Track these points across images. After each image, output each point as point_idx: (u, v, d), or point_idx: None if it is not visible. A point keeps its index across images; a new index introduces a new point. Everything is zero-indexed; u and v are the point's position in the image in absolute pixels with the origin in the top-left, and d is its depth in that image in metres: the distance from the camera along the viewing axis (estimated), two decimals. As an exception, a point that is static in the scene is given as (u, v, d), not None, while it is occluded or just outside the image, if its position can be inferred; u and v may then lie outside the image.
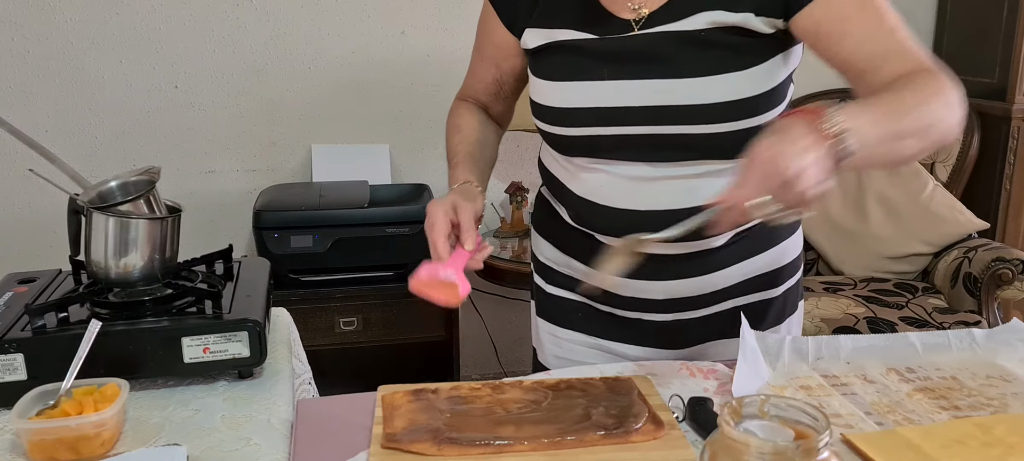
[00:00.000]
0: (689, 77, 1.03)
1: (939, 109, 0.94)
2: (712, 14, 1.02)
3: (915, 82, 0.95)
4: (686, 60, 1.03)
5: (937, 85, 0.95)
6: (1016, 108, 2.72)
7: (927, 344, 1.14)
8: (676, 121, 1.04)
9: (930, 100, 0.94)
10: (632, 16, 1.07)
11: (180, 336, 1.00)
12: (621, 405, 0.95)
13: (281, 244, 2.31)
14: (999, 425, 0.92)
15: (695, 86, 1.02)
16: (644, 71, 1.04)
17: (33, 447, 0.86)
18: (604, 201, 1.12)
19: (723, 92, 1.02)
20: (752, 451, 0.65)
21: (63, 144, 2.52)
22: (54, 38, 2.51)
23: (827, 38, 1.01)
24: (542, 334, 1.29)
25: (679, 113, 1.04)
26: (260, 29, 2.62)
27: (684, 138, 1.05)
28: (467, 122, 1.23)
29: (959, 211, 2.64)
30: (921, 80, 0.95)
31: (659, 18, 1.05)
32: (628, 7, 1.07)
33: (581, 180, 1.14)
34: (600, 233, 1.15)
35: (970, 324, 2.30)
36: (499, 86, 1.25)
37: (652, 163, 1.08)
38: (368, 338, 2.42)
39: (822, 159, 0.83)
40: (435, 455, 0.86)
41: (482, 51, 1.24)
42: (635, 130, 1.06)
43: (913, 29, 1.02)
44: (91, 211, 1.04)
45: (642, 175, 1.09)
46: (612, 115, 1.07)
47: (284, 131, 2.71)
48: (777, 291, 1.20)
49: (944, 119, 0.94)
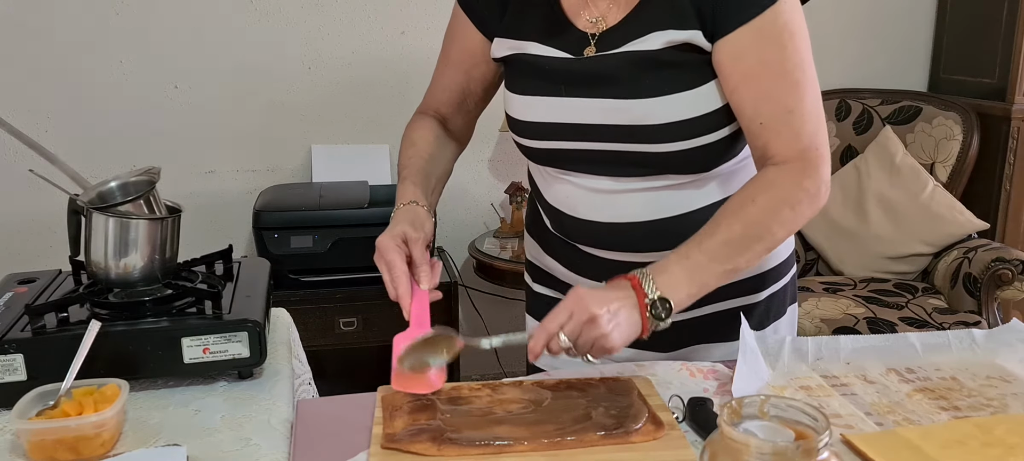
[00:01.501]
0: (643, 97, 1.03)
1: (772, 230, 1.00)
2: (666, 34, 1.02)
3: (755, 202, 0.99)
4: (640, 81, 1.03)
5: (785, 193, 0.99)
6: (1016, 108, 2.72)
7: (927, 344, 1.14)
8: (632, 139, 1.05)
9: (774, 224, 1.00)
10: (591, 29, 1.07)
11: (180, 336, 1.00)
12: (621, 405, 0.95)
13: (281, 244, 2.31)
14: (999, 425, 0.92)
15: (649, 106, 1.03)
16: (600, 90, 1.05)
17: (33, 447, 0.86)
18: (572, 212, 1.14)
19: (676, 111, 1.03)
20: (752, 451, 0.65)
21: (63, 144, 2.52)
22: (54, 38, 2.51)
23: (726, 79, 1.02)
24: None
25: (634, 132, 1.04)
26: (260, 29, 2.62)
27: (641, 156, 1.06)
28: (422, 136, 1.21)
29: (959, 211, 2.64)
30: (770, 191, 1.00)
31: (616, 35, 1.06)
32: (587, 19, 1.08)
33: (553, 189, 1.17)
34: (574, 241, 1.18)
35: (970, 324, 2.30)
36: (464, 96, 1.24)
37: (614, 177, 1.09)
38: (368, 338, 2.42)
39: (629, 317, 0.94)
40: (435, 455, 0.86)
41: (449, 57, 1.23)
42: (594, 146, 1.08)
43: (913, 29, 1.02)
44: (91, 211, 1.04)
45: (606, 188, 1.10)
46: (572, 131, 1.08)
47: (284, 131, 2.71)
48: (760, 296, 1.20)
49: (782, 233, 1.01)
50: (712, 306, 1.17)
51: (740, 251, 0.99)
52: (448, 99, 1.25)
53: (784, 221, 1.00)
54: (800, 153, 1.00)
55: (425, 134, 1.22)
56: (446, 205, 2.74)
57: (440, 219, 2.51)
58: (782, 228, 1.01)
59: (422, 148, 1.19)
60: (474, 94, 1.24)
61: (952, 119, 2.76)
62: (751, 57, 0.99)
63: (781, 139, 1.00)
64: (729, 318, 1.15)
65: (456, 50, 1.22)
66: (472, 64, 1.21)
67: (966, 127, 2.74)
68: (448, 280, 2.48)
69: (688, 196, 1.09)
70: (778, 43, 0.99)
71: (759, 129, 1.01)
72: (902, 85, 3.02)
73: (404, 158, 1.19)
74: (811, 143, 1.01)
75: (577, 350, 0.94)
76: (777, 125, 1.00)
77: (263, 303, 1.10)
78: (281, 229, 2.32)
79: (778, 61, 0.99)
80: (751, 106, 1.00)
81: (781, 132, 1.00)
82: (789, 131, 1.00)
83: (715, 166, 1.09)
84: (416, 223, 1.07)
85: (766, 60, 0.99)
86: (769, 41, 0.98)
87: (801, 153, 1.00)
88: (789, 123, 1.00)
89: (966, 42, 2.94)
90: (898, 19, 3.03)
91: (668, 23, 1.02)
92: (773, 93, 0.99)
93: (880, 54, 3.02)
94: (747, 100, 1.01)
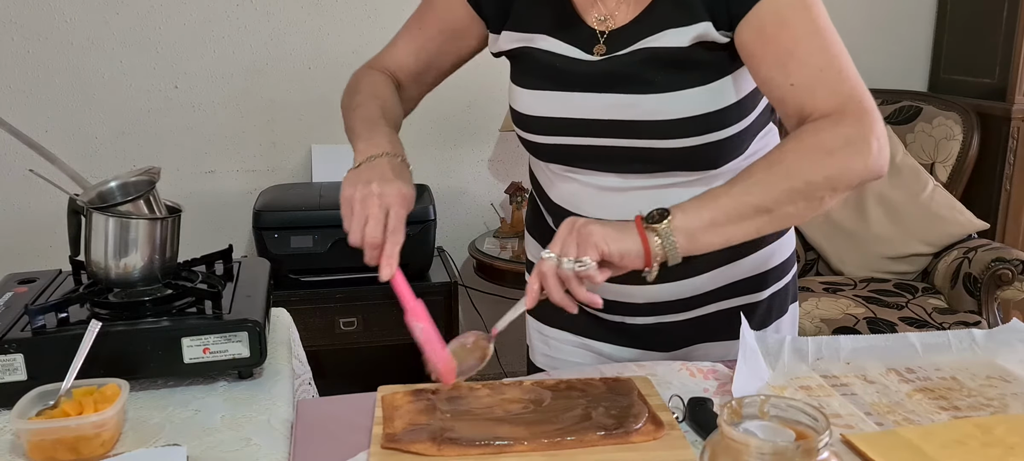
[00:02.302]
0: (656, 93, 1.03)
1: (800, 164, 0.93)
2: (678, 31, 1.02)
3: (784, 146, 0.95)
4: (654, 77, 1.03)
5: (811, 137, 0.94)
6: (1016, 108, 2.72)
7: (927, 344, 1.14)
8: (642, 135, 1.05)
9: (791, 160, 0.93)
10: (600, 27, 1.07)
11: (180, 336, 1.00)
12: (621, 405, 0.94)
13: (281, 244, 2.31)
14: (999, 425, 0.92)
15: (662, 101, 1.03)
16: (613, 86, 1.05)
17: (33, 447, 0.86)
18: (577, 209, 1.13)
19: (689, 107, 1.03)
20: (752, 451, 0.65)
21: (63, 144, 2.52)
22: (54, 38, 2.51)
23: (750, 61, 1.00)
24: (532, 332, 1.31)
25: (644, 128, 1.04)
26: (260, 29, 2.62)
27: (651, 152, 1.06)
28: (383, 90, 1.15)
29: (959, 211, 2.64)
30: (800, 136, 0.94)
31: (627, 32, 1.05)
32: (595, 17, 1.07)
33: (557, 187, 1.16)
34: None
35: (970, 324, 2.30)
36: (428, 66, 1.19)
37: (622, 174, 1.09)
38: (368, 338, 2.42)
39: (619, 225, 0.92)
40: (435, 455, 0.86)
41: (425, 23, 1.18)
42: (604, 142, 1.07)
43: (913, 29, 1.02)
44: (91, 211, 1.04)
45: (613, 186, 1.10)
46: (582, 126, 1.07)
47: (284, 131, 2.71)
48: (762, 295, 1.20)
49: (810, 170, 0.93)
50: (714, 305, 1.17)
51: (767, 189, 0.93)
52: (410, 65, 1.19)
53: (820, 165, 0.93)
54: (839, 106, 0.95)
55: (385, 89, 1.16)
56: (446, 205, 2.74)
57: (440, 219, 2.51)
58: (818, 172, 0.93)
59: (386, 99, 1.13)
60: (439, 68, 1.20)
61: (952, 119, 2.76)
62: (773, 24, 0.97)
63: (816, 97, 0.96)
64: (731, 317, 1.15)
65: (435, 18, 1.17)
66: (450, 37, 1.17)
67: (966, 127, 2.74)
68: (448, 280, 2.48)
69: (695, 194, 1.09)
70: (800, 6, 0.97)
71: (791, 92, 0.97)
72: (902, 85, 3.02)
73: (365, 108, 1.11)
74: (850, 95, 0.96)
75: (564, 252, 0.91)
76: (810, 83, 0.96)
77: (263, 303, 1.10)
78: (281, 229, 2.32)
79: (801, 22, 0.97)
80: (780, 71, 0.97)
81: (815, 90, 0.96)
82: (824, 88, 0.96)
83: (723, 163, 1.09)
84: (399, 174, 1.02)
85: (788, 21, 0.97)
86: (789, 6, 0.97)
87: (840, 105, 0.95)
88: (822, 80, 0.96)
89: (966, 42, 2.94)
90: (898, 19, 3.03)
91: (679, 20, 1.02)
92: (799, 53, 0.96)
93: (880, 54, 3.02)
94: (775, 67, 0.97)
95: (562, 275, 0.92)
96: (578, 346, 1.24)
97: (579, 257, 0.90)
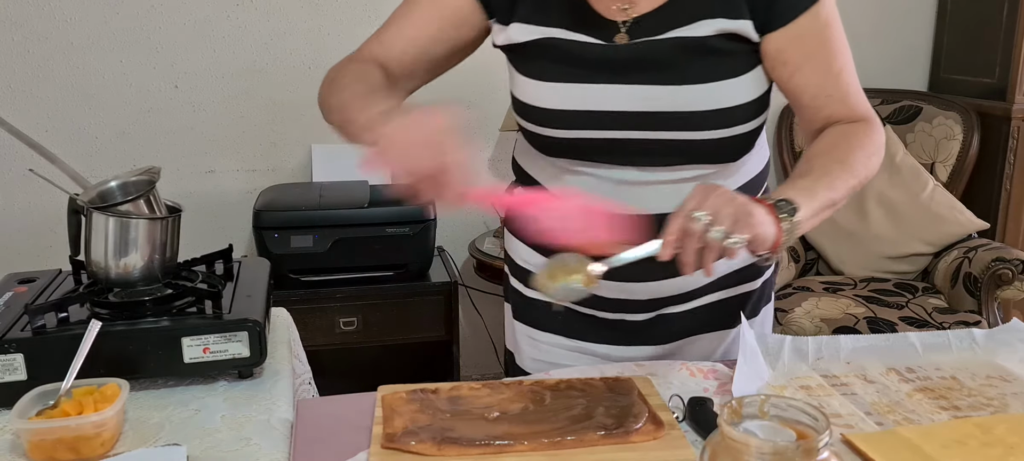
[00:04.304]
0: (686, 84, 1.03)
1: (862, 165, 1.02)
2: (716, 22, 1.02)
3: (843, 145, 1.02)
4: (688, 67, 1.03)
5: (861, 139, 1.03)
6: (1016, 108, 2.72)
7: (927, 344, 1.14)
8: (670, 127, 1.04)
9: (856, 160, 1.01)
10: (620, 17, 1.05)
11: (180, 336, 1.00)
12: (621, 405, 0.94)
13: (281, 244, 2.31)
14: (999, 425, 0.92)
15: (692, 93, 1.03)
16: (641, 77, 1.04)
17: (33, 447, 0.86)
18: None
19: (722, 98, 1.03)
20: (752, 451, 0.65)
21: (63, 144, 2.52)
22: (54, 38, 2.51)
23: (784, 66, 1.05)
24: (519, 337, 1.27)
25: (673, 119, 1.04)
26: (260, 29, 2.62)
27: (676, 144, 1.05)
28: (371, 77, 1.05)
29: (959, 211, 2.64)
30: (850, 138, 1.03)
31: (653, 21, 1.04)
32: (615, 8, 1.05)
33: (564, 182, 1.13)
34: None
35: (970, 324, 2.30)
36: (419, 56, 1.11)
37: (641, 167, 1.08)
38: (368, 338, 2.42)
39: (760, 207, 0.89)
40: (435, 455, 0.86)
41: (416, 12, 1.11)
42: (626, 134, 1.06)
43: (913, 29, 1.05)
44: (91, 211, 1.04)
45: (630, 179, 1.09)
46: (604, 119, 1.06)
47: (284, 131, 2.71)
48: (756, 283, 1.21)
49: (864, 173, 1.02)
50: (713, 295, 1.17)
51: (841, 186, 0.99)
52: (398, 55, 1.11)
53: (869, 166, 1.03)
54: (865, 114, 1.07)
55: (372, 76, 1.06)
56: (446, 205, 2.74)
57: (440, 219, 2.51)
58: (864, 168, 1.02)
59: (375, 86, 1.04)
60: (432, 59, 1.13)
61: (952, 119, 2.76)
62: (813, 36, 1.04)
63: (847, 106, 1.06)
64: (728, 306, 1.17)
65: (429, 6, 1.10)
66: (447, 25, 1.10)
67: (966, 127, 2.74)
68: (448, 280, 2.48)
69: None
70: (834, 23, 1.05)
71: (825, 102, 1.06)
72: (902, 85, 3.02)
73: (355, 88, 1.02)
74: (868, 107, 1.08)
75: (719, 221, 0.86)
76: (842, 94, 1.06)
77: (263, 303, 1.10)
78: (281, 229, 2.32)
79: (836, 37, 1.05)
80: (817, 82, 1.06)
81: (846, 100, 1.06)
82: (853, 98, 1.07)
83: (742, 156, 1.10)
84: None
85: (828, 38, 1.05)
86: (826, 22, 1.04)
87: (866, 114, 1.07)
88: (851, 92, 1.07)
89: (966, 42, 2.94)
90: (898, 19, 3.03)
91: (718, 12, 1.03)
92: (835, 67, 1.06)
93: (880, 54, 3.02)
94: (812, 77, 1.05)
95: (707, 241, 0.87)
96: (571, 350, 1.22)
97: (734, 234, 0.87)
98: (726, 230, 0.86)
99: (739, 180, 1.12)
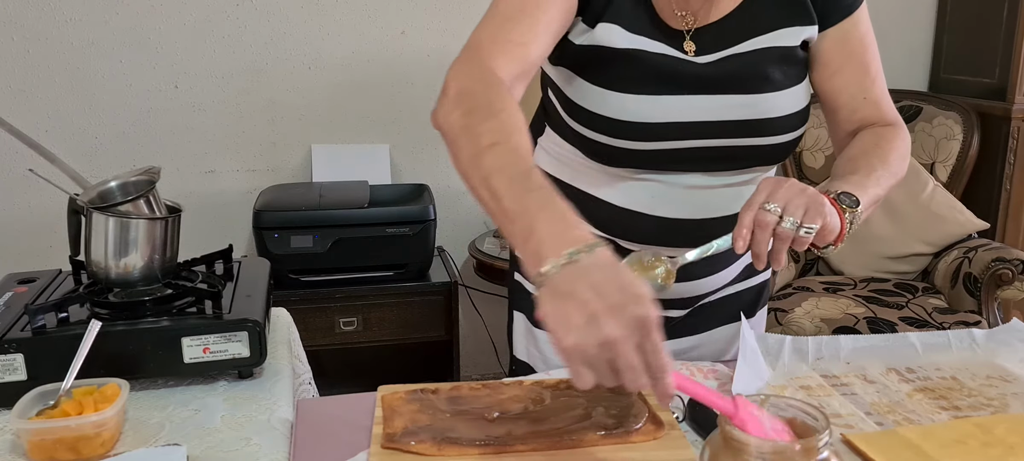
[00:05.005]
0: (765, 92, 1.05)
1: (898, 167, 1.06)
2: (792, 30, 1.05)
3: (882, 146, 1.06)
4: (765, 76, 1.05)
5: (896, 142, 1.07)
6: (1016, 108, 2.72)
7: (927, 344, 1.14)
8: (747, 134, 1.06)
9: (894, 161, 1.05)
10: (683, 25, 1.06)
11: (180, 336, 1.00)
12: (621, 405, 0.94)
13: (281, 244, 2.31)
14: (999, 425, 0.92)
15: (771, 100, 1.05)
16: (723, 87, 1.05)
17: (33, 447, 0.86)
18: (651, 211, 1.10)
19: (794, 103, 1.07)
20: (752, 451, 0.65)
21: (63, 144, 2.52)
22: (54, 38, 2.51)
23: (825, 66, 1.09)
24: (543, 345, 1.23)
25: (752, 127, 1.05)
26: (260, 29, 2.62)
27: (749, 149, 1.07)
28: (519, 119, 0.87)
29: (959, 211, 2.64)
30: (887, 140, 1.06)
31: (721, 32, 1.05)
32: (678, 16, 1.06)
33: (616, 189, 1.11)
34: (630, 241, 1.13)
35: (970, 324, 2.30)
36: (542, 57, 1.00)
37: (708, 172, 1.08)
38: (368, 338, 2.42)
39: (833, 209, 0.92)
40: (435, 455, 0.86)
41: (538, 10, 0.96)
42: (704, 143, 1.06)
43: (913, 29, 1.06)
44: (91, 211, 1.04)
45: (697, 184, 1.09)
46: (687, 129, 1.05)
47: (284, 131, 2.71)
48: (765, 276, 1.24)
49: (900, 174, 1.06)
50: (728, 290, 1.20)
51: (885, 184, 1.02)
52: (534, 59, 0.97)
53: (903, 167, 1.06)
54: (895, 119, 1.11)
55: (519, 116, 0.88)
56: (446, 205, 2.74)
57: (440, 219, 2.51)
58: (902, 172, 1.06)
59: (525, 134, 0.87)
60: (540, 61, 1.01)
61: (952, 119, 2.76)
62: (856, 39, 1.08)
63: (880, 110, 1.10)
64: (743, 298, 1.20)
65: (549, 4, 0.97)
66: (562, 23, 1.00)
67: (966, 127, 2.74)
68: (448, 280, 2.48)
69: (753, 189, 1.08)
70: (869, 26, 1.10)
71: (862, 104, 1.10)
72: (902, 85, 3.02)
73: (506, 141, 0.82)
74: (897, 113, 1.12)
75: (790, 212, 0.87)
76: (877, 98, 1.11)
77: (263, 303, 1.10)
78: (281, 229, 2.32)
79: (872, 41, 1.10)
80: (855, 84, 1.10)
81: (880, 104, 1.11)
82: (885, 103, 1.11)
83: (788, 156, 1.14)
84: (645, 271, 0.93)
85: (868, 41, 1.09)
86: (866, 24, 1.09)
87: (895, 119, 1.11)
88: (884, 97, 1.11)
89: (966, 42, 2.94)
90: (898, 19, 3.03)
91: (794, 20, 1.06)
92: (872, 70, 1.10)
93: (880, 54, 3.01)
94: (852, 79, 1.09)
95: (779, 232, 0.88)
96: None
97: (806, 223, 0.88)
98: (797, 220, 0.88)
99: None
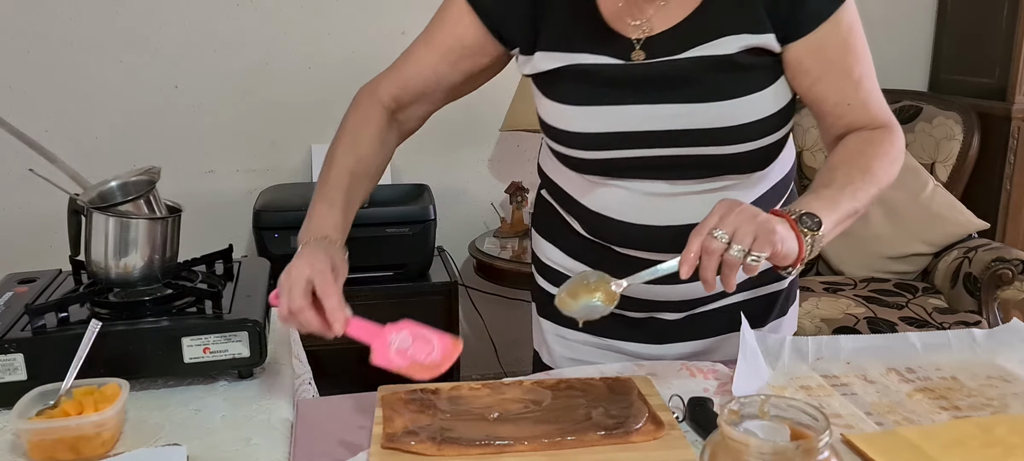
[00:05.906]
0: (712, 101, 1.03)
1: (883, 173, 1.03)
2: (741, 38, 1.02)
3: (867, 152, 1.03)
4: (720, 84, 1.03)
5: (883, 146, 1.04)
6: (1016, 108, 2.72)
7: (927, 344, 1.14)
8: (697, 143, 1.05)
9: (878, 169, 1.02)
10: (635, 34, 1.05)
11: (180, 336, 1.00)
12: (621, 405, 0.94)
13: (281, 244, 2.31)
14: (999, 425, 0.92)
15: (718, 109, 1.03)
16: (665, 95, 1.04)
17: (33, 447, 0.86)
18: (620, 216, 1.11)
19: (752, 112, 1.04)
20: (752, 451, 0.65)
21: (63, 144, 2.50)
22: (54, 38, 2.51)
23: (805, 75, 1.05)
24: (548, 336, 1.28)
25: (701, 135, 1.04)
26: (260, 29, 2.62)
27: (705, 158, 1.06)
28: (367, 139, 1.13)
29: (959, 211, 2.64)
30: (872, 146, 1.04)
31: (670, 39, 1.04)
32: (630, 25, 1.05)
33: (594, 195, 1.13)
34: (616, 246, 1.15)
35: (970, 324, 2.30)
36: (435, 87, 1.16)
37: (670, 180, 1.08)
38: (368, 338, 2.42)
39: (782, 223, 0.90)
40: (435, 455, 0.86)
41: (433, 41, 1.14)
42: (655, 152, 1.06)
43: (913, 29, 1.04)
44: (91, 211, 1.04)
45: (660, 191, 1.09)
46: (632, 138, 1.05)
47: (284, 131, 2.71)
48: (784, 283, 1.22)
49: (885, 180, 1.03)
50: (745, 293, 1.18)
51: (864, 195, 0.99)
52: (416, 84, 1.16)
53: (890, 172, 1.04)
54: (886, 120, 1.08)
55: (370, 137, 1.14)
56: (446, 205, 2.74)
57: (440, 219, 2.51)
58: (886, 176, 1.03)
59: (365, 155, 1.12)
60: (450, 86, 1.16)
61: (952, 119, 2.76)
62: (834, 47, 1.04)
63: (868, 113, 1.07)
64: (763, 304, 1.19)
65: (445, 37, 1.13)
66: (461, 56, 1.13)
67: (966, 127, 2.74)
68: (448, 280, 2.48)
69: (740, 195, 1.08)
70: (855, 28, 1.05)
71: (846, 110, 1.07)
72: (902, 85, 3.02)
73: (338, 166, 1.12)
74: (889, 113, 1.09)
75: (738, 239, 0.87)
76: (863, 102, 1.07)
77: (263, 303, 1.10)
78: (281, 229, 2.32)
79: (858, 45, 1.06)
80: (837, 91, 1.06)
81: (867, 107, 1.07)
82: (874, 105, 1.07)
83: (770, 164, 1.11)
84: (331, 255, 1.09)
85: (850, 46, 1.05)
86: (848, 29, 1.04)
87: (886, 120, 1.08)
88: (873, 100, 1.07)
89: (966, 42, 2.94)
90: (898, 19, 3.02)
91: (742, 27, 1.02)
92: (855, 74, 1.06)
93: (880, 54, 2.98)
94: (833, 86, 1.06)
95: (727, 259, 0.87)
96: (602, 347, 1.22)
97: (755, 251, 0.87)
98: (745, 248, 0.87)
99: (765, 185, 1.13)
